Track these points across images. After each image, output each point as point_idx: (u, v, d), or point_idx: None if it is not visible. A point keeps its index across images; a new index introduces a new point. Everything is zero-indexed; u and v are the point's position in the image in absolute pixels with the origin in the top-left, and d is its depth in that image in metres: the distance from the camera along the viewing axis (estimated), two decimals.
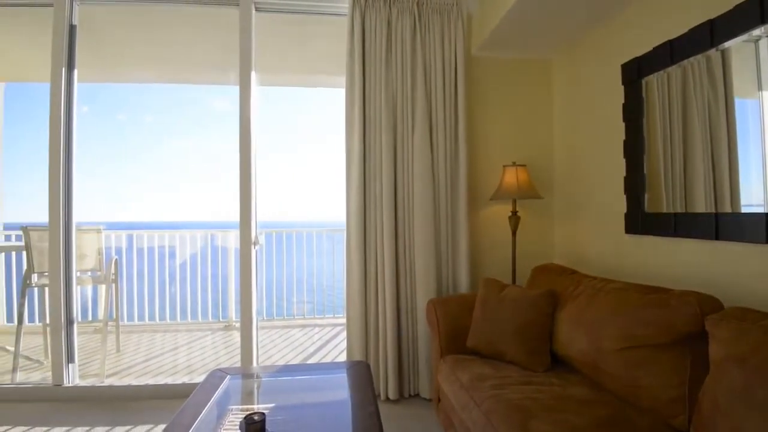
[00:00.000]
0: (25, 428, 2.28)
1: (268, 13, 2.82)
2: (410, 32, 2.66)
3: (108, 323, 3.52)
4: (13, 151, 4.55)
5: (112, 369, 3.26)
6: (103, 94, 14.78)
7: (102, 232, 3.62)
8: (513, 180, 2.62)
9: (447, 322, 2.24)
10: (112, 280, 3.54)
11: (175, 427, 1.36)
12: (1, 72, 4.38)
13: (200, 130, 43.11)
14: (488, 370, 1.87)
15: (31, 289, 3.20)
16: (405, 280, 2.65)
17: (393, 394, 2.57)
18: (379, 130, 2.63)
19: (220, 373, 1.86)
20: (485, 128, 2.91)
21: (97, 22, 2.95)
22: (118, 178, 27.67)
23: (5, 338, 3.50)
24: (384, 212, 2.60)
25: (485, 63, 2.91)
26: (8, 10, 2.81)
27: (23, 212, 5.12)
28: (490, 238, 2.89)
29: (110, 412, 2.48)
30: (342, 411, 1.55)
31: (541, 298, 2.03)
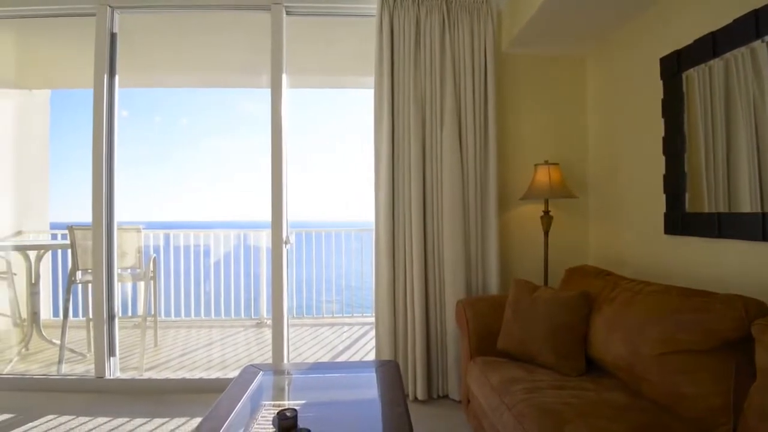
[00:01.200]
0: (70, 417, 2.41)
1: (298, 16, 2.87)
2: (439, 31, 2.64)
3: (147, 319, 3.67)
4: (58, 154, 4.80)
5: (150, 363, 3.40)
6: (141, 98, 15.41)
7: (141, 231, 3.78)
8: (545, 179, 2.56)
9: (477, 323, 2.22)
10: (150, 278, 3.68)
11: (212, 420, 1.41)
12: (47, 80, 4.64)
13: (234, 132, 44.26)
14: (520, 373, 1.84)
15: (75, 286, 3.37)
16: (433, 280, 2.64)
17: (421, 394, 2.57)
18: (407, 129, 2.63)
19: (252, 369, 1.90)
20: (516, 126, 2.86)
21: (134, 30, 3.07)
22: (155, 179, 28.93)
23: (52, 331, 3.70)
24: (413, 212, 2.59)
25: (516, 60, 2.86)
26: (53, 21, 2.96)
27: (68, 212, 5.40)
28: (520, 238, 2.84)
29: (149, 404, 2.58)
30: (372, 410, 1.56)
31: (575, 300, 1.98)
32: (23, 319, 3.90)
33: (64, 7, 2.79)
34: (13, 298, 3.92)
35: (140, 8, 2.84)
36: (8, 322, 3.94)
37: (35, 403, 2.58)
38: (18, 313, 3.94)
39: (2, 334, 3.86)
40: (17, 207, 4.29)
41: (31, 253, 3.63)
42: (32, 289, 3.58)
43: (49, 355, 3.45)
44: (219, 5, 2.80)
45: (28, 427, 2.30)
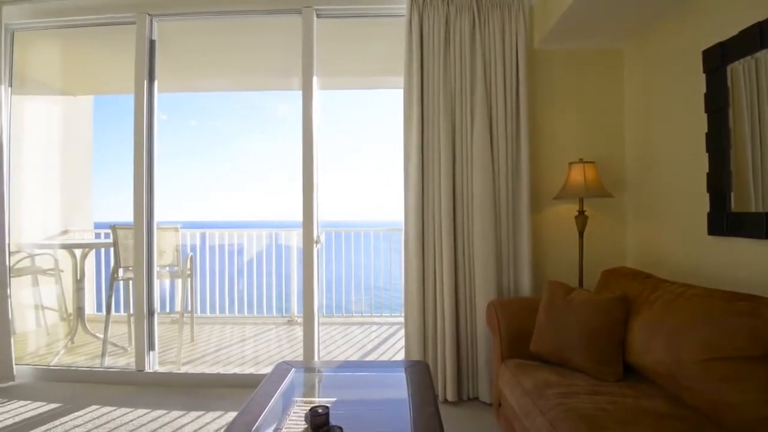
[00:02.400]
0: (112, 408, 2.53)
1: (328, 18, 2.90)
2: (469, 29, 2.62)
3: (184, 315, 3.80)
4: (101, 157, 5.04)
5: (186, 357, 3.52)
6: (178, 102, 16.04)
7: (179, 230, 3.92)
8: (580, 178, 2.50)
9: (508, 325, 2.18)
10: (187, 275, 3.81)
11: (246, 414, 1.44)
12: (91, 86, 4.88)
13: (266, 134, 45.32)
14: (553, 377, 1.80)
15: (117, 282, 3.53)
16: (464, 281, 2.62)
17: (451, 396, 2.55)
18: (437, 128, 2.62)
19: (285, 366, 1.94)
20: (549, 124, 2.80)
21: (171, 36, 3.19)
22: (192, 181, 29.96)
23: (95, 326, 3.88)
24: (442, 212, 2.58)
25: (548, 56, 2.80)
26: (96, 31, 3.10)
27: (111, 212, 5.66)
28: (554, 239, 2.78)
29: (185, 398, 2.67)
30: (402, 410, 1.56)
31: (612, 303, 1.92)
32: (69, 314, 4.12)
33: (106, 16, 2.93)
34: (60, 294, 4.14)
35: (177, 15, 2.94)
36: (55, 316, 4.16)
37: (80, 394, 2.72)
38: (64, 307, 4.16)
39: (50, 328, 4.09)
40: (64, 207, 4.53)
41: (77, 251, 3.82)
42: (78, 286, 3.77)
43: (93, 349, 3.62)
44: (251, 10, 2.87)
45: (74, 416, 2.42)
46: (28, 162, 3.69)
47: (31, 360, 3.37)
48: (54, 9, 2.90)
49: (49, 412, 2.48)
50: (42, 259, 3.97)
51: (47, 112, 4.41)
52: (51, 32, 3.14)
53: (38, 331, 3.97)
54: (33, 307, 3.95)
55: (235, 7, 2.85)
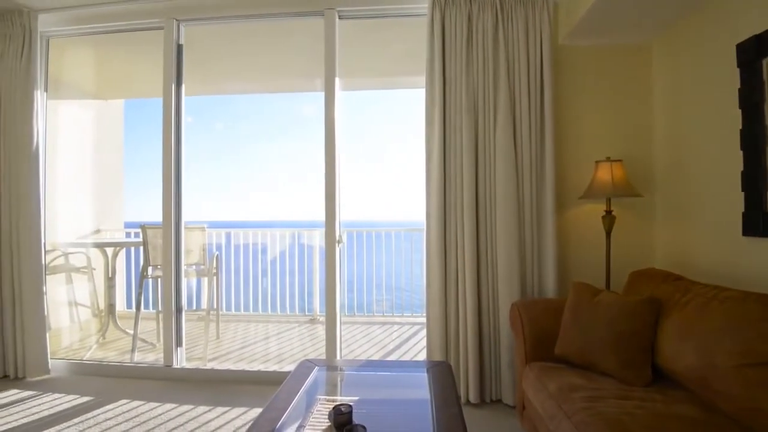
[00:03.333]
0: (141, 402, 2.60)
1: (350, 20, 2.92)
2: (492, 26, 2.59)
3: (210, 312, 3.89)
4: (130, 159, 5.21)
5: (212, 354, 3.60)
6: (203, 105, 16.46)
7: (205, 230, 4.01)
8: (607, 176, 2.44)
9: (532, 327, 2.15)
10: (213, 274, 3.90)
11: (271, 411, 1.47)
12: (121, 90, 5.05)
13: (287, 135, 46.05)
14: (579, 381, 1.77)
15: (147, 280, 3.63)
16: (486, 281, 2.59)
17: (474, 397, 2.53)
18: (459, 127, 2.60)
19: (308, 364, 1.96)
20: (575, 122, 2.74)
21: (197, 40, 3.26)
22: (217, 182, 30.69)
23: (126, 322, 4.01)
24: (465, 212, 2.56)
25: (574, 52, 2.74)
26: (125, 36, 3.20)
27: (140, 212, 5.84)
28: (579, 239, 2.72)
29: (211, 393, 2.73)
30: (424, 410, 1.56)
31: (641, 306, 1.86)
32: (101, 310, 4.27)
33: (136, 22, 3.02)
34: (93, 291, 4.30)
35: (203, 20, 3.01)
36: (88, 312, 4.32)
37: (111, 388, 2.82)
38: (96, 304, 4.31)
39: (83, 324, 4.24)
40: (96, 207, 4.70)
41: (108, 249, 3.96)
42: (109, 283, 3.90)
43: (123, 344, 3.74)
44: (275, 13, 2.91)
45: (105, 409, 2.51)
46: (62, 164, 3.84)
47: (65, 354, 3.51)
48: (86, 16, 3.01)
49: (82, 404, 2.57)
50: (75, 257, 4.13)
51: (80, 116, 4.59)
52: (84, 39, 3.26)
53: (72, 327, 4.13)
54: (67, 304, 4.11)
55: (259, 10, 2.89)
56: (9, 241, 2.93)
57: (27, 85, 2.92)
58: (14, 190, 2.93)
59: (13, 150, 2.93)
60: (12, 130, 2.93)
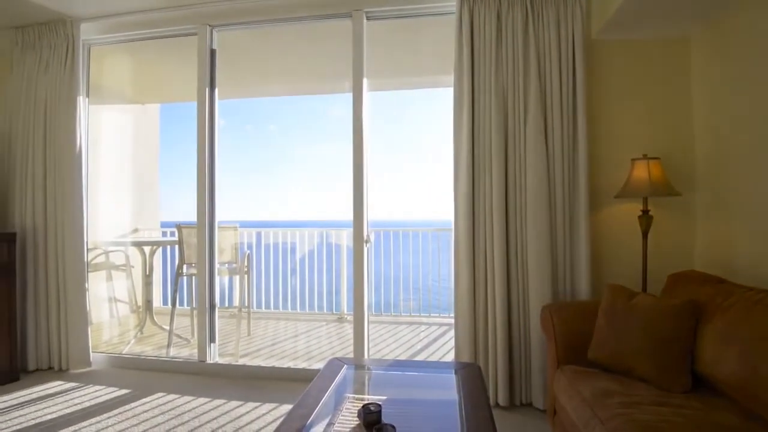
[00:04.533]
0: (176, 396, 2.69)
1: (378, 21, 2.92)
2: (522, 23, 2.54)
3: (241, 310, 3.98)
4: (166, 161, 5.40)
5: (244, 350, 3.69)
6: (234, 108, 16.90)
7: (237, 229, 4.11)
8: (644, 175, 2.35)
9: (564, 330, 2.10)
10: (245, 272, 3.99)
11: (302, 408, 1.49)
12: (157, 95, 5.23)
13: (316, 136, 46.78)
14: (614, 386, 1.71)
15: (182, 278, 3.76)
16: (517, 283, 2.55)
17: (503, 400, 2.49)
18: (488, 125, 2.56)
19: (337, 362, 1.98)
20: (609, 118, 2.66)
21: (228, 45, 3.34)
22: (249, 183, 31.50)
23: (162, 318, 4.16)
24: (494, 212, 2.52)
25: (607, 47, 2.66)
26: (160, 43, 3.31)
27: (175, 212, 6.04)
28: (614, 240, 2.64)
29: (243, 389, 2.80)
30: (453, 412, 1.55)
31: (681, 309, 1.79)
32: (139, 306, 4.44)
33: (171, 28, 3.12)
34: (131, 288, 4.48)
35: (235, 25, 3.08)
36: (126, 308, 4.50)
37: (148, 381, 2.93)
38: (134, 300, 4.49)
39: (122, 319, 4.43)
40: (133, 207, 4.89)
41: (146, 248, 4.11)
42: (146, 280, 4.06)
43: (159, 339, 3.88)
44: (304, 16, 2.94)
45: (142, 401, 2.61)
46: (103, 166, 4.02)
47: (106, 348, 3.67)
48: (125, 24, 3.14)
49: (121, 396, 2.68)
50: (115, 255, 4.31)
51: (119, 120, 4.78)
52: (122, 45, 3.39)
53: (111, 322, 4.32)
54: (107, 300, 4.30)
55: (288, 14, 2.94)
56: (54, 240, 3.09)
57: (70, 92, 3.07)
58: (59, 191, 3.08)
59: (58, 153, 3.09)
60: (57, 135, 3.09)
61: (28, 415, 2.43)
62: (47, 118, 3.11)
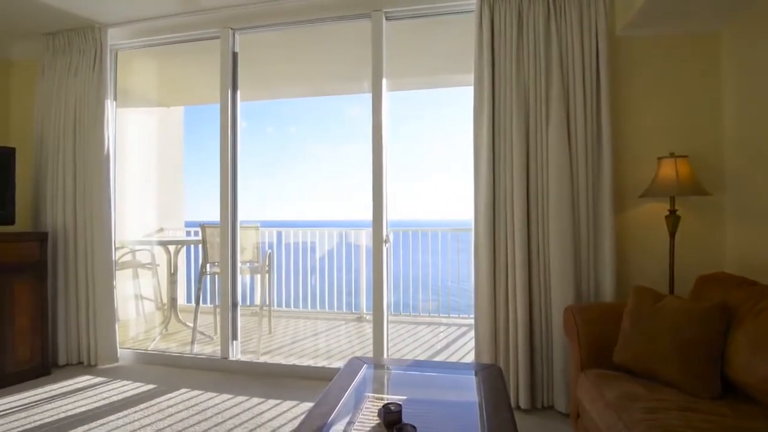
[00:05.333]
0: (200, 392, 2.75)
1: (397, 20, 2.92)
2: (543, 20, 2.51)
3: (262, 308, 4.04)
4: (189, 162, 5.52)
5: (265, 348, 3.74)
6: (255, 110, 17.21)
7: (258, 229, 4.17)
8: (671, 174, 2.29)
9: (588, 333, 2.06)
10: (266, 271, 4.05)
11: (322, 406, 1.50)
12: (181, 97, 5.35)
13: (336, 137, 47.23)
14: (640, 390, 1.67)
15: (205, 276, 3.83)
16: (538, 284, 2.51)
17: (524, 403, 2.46)
18: (509, 124, 2.53)
19: (357, 362, 1.99)
20: (635, 116, 2.59)
21: (250, 48, 3.39)
22: (269, 183, 31.95)
23: (186, 315, 4.25)
24: (515, 212, 2.49)
25: (632, 43, 2.59)
26: (184, 47, 3.38)
27: (198, 212, 6.16)
28: (640, 240, 2.57)
29: (264, 386, 2.84)
30: (473, 413, 1.54)
31: (710, 313, 1.73)
32: (164, 304, 4.55)
33: (194, 33, 3.19)
34: (156, 286, 4.59)
35: (257, 28, 3.12)
36: (152, 306, 4.61)
37: (172, 377, 3.00)
38: (160, 298, 4.60)
39: (147, 316, 4.54)
40: (159, 207, 5.01)
41: (171, 247, 4.21)
42: (171, 279, 4.16)
43: (183, 336, 3.97)
44: (323, 18, 2.96)
45: (168, 396, 2.68)
46: (129, 168, 4.13)
47: (132, 344, 3.77)
48: (150, 29, 3.22)
49: (147, 392, 2.76)
50: (141, 254, 4.42)
51: (145, 123, 4.91)
52: (147, 50, 3.48)
53: (137, 319, 4.43)
54: (133, 297, 4.41)
55: (308, 16, 2.96)
56: (84, 239, 3.19)
57: (99, 95, 3.17)
58: (88, 192, 3.19)
59: (87, 155, 3.19)
60: (86, 137, 3.20)
61: (58, 408, 2.52)
62: (77, 121, 3.22)
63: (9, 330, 2.84)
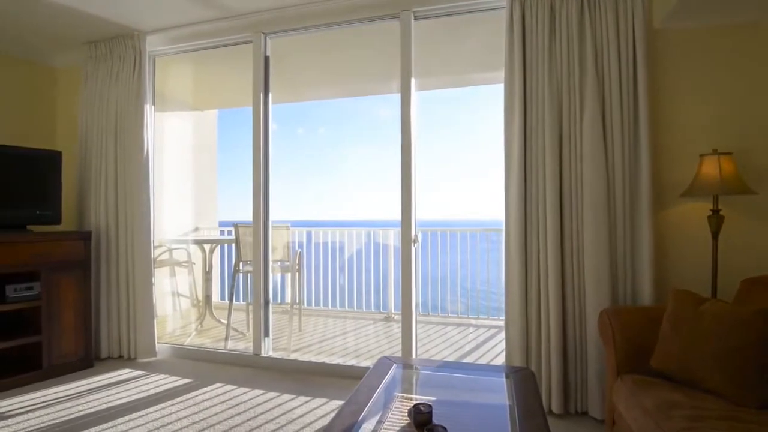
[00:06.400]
0: (233, 387, 2.82)
1: (426, 20, 2.91)
2: (577, 14, 2.44)
3: (293, 306, 4.11)
4: (223, 164, 5.68)
5: (295, 345, 3.81)
6: (286, 112, 17.58)
7: (289, 228, 4.25)
8: (714, 172, 2.18)
9: (624, 337, 1.99)
10: (296, 270, 4.12)
11: (353, 404, 1.52)
12: (215, 101, 5.51)
13: (364, 137, 47.52)
14: (680, 398, 1.61)
15: (238, 274, 3.93)
16: (572, 286, 2.44)
17: (557, 407, 2.40)
18: (541, 121, 2.48)
19: (387, 361, 2.00)
20: (674, 112, 2.49)
21: (277, 52, 3.45)
22: (299, 183, 32.49)
23: (220, 312, 4.37)
24: (548, 212, 2.44)
25: (671, 36, 2.49)
26: (217, 51, 3.47)
27: (231, 212, 6.34)
28: (680, 242, 2.47)
29: (295, 382, 2.89)
30: (505, 417, 1.52)
31: (757, 318, 1.64)
32: (199, 301, 4.70)
33: (227, 38, 3.27)
34: (192, 283, 4.74)
35: (288, 32, 3.17)
36: (188, 302, 4.77)
37: (207, 372, 3.09)
38: (195, 295, 4.76)
39: (183, 312, 4.70)
40: (195, 208, 5.18)
41: (206, 246, 4.34)
42: (206, 276, 4.29)
43: (217, 332, 4.09)
44: (353, 20, 2.97)
45: (203, 390, 2.76)
46: (166, 169, 4.28)
47: (169, 339, 3.91)
48: (185, 35, 3.32)
49: (183, 385, 2.85)
50: (178, 252, 4.58)
51: (180, 126, 5.08)
52: (182, 55, 3.60)
53: (174, 315, 4.60)
54: (170, 294, 4.58)
55: (338, 18, 2.98)
56: (125, 238, 3.34)
57: (138, 100, 3.30)
58: (129, 193, 3.33)
59: (128, 158, 3.33)
60: (126, 141, 3.34)
61: (100, 399, 2.65)
62: (118, 126, 3.37)
63: (56, 324, 3.00)
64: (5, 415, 2.42)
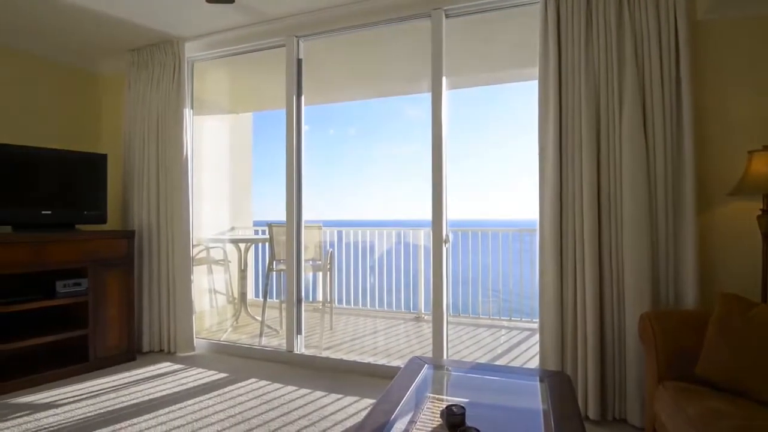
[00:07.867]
0: (267, 382, 2.89)
1: (457, 18, 2.88)
2: (615, 8, 2.36)
3: (324, 304, 4.17)
4: (257, 164, 5.82)
5: (326, 343, 3.86)
6: (317, 113, 17.83)
7: (321, 228, 4.31)
8: (764, 169, 2.06)
9: (666, 342, 1.91)
10: (327, 269, 4.17)
11: (385, 404, 1.53)
12: (250, 104, 5.65)
13: (395, 137, 47.63)
14: (727, 407, 1.53)
15: (272, 273, 4.02)
16: (610, 288, 2.36)
17: (594, 413, 2.33)
18: (578, 118, 2.41)
19: (418, 361, 2.00)
20: (720, 106, 2.36)
21: (309, 54, 3.50)
22: (330, 183, 32.71)
23: (254, 309, 4.48)
24: (584, 212, 2.37)
25: (716, 27, 2.36)
26: (252, 55, 3.55)
27: (265, 212, 6.48)
28: (727, 243, 2.34)
29: (327, 380, 2.93)
30: (539, 421, 1.49)
31: None
32: (234, 298, 4.84)
33: (261, 42, 3.35)
34: (228, 281, 4.88)
35: (320, 34, 3.21)
36: (224, 299, 4.92)
37: (242, 367, 3.18)
38: (231, 292, 4.90)
39: (219, 309, 4.85)
40: (231, 208, 5.33)
41: (241, 245, 4.47)
42: (241, 274, 4.41)
43: (252, 329, 4.20)
44: (384, 20, 2.97)
45: (238, 385, 2.84)
46: (204, 171, 4.43)
47: (206, 335, 4.05)
48: (221, 40, 3.43)
49: (219, 380, 2.94)
50: (215, 251, 4.73)
51: (217, 129, 5.24)
52: (219, 60, 3.71)
53: (211, 311, 4.75)
54: (208, 291, 4.73)
55: (369, 19, 3.00)
56: (165, 237, 3.48)
57: (178, 105, 3.43)
58: (170, 193, 3.47)
59: (169, 160, 3.47)
60: (167, 143, 3.48)
61: (142, 391, 2.77)
62: (159, 129, 3.51)
63: (102, 318, 3.16)
64: (55, 404, 2.57)
